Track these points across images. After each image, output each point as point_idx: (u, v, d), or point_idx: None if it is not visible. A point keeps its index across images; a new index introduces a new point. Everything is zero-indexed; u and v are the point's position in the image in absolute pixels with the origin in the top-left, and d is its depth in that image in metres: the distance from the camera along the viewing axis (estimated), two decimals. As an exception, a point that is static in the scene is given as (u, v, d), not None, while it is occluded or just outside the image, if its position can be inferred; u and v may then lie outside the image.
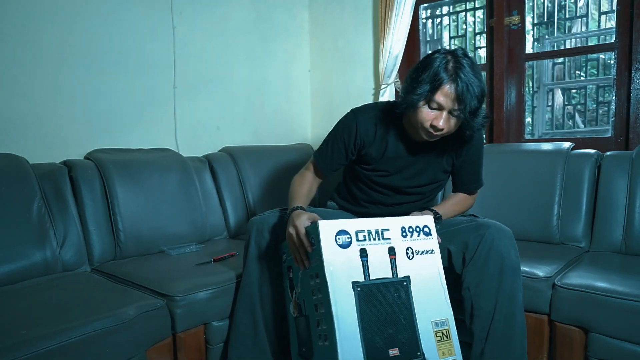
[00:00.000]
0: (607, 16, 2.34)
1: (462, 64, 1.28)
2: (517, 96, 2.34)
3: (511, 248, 1.35)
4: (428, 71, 1.30)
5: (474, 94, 1.27)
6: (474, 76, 1.28)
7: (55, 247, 1.62)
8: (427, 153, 1.50)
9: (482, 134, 1.55)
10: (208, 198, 2.13)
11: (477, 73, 1.30)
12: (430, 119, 1.32)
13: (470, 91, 1.27)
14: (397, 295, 1.19)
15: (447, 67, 1.29)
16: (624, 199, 1.80)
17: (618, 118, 2.06)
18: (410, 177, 1.53)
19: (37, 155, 1.77)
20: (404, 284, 1.21)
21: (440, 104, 1.30)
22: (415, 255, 1.24)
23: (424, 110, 1.33)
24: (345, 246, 1.17)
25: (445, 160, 1.52)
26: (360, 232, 1.19)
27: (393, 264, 1.21)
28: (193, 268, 1.64)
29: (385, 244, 1.21)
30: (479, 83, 1.29)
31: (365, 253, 1.19)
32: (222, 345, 1.55)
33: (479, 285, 1.35)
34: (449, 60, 1.30)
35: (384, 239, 1.22)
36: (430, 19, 2.72)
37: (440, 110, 1.31)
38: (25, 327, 1.15)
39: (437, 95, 1.29)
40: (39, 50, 1.84)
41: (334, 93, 2.85)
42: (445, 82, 1.27)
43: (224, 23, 2.48)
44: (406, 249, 1.23)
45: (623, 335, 1.37)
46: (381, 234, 1.22)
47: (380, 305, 1.17)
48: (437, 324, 1.22)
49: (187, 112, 2.34)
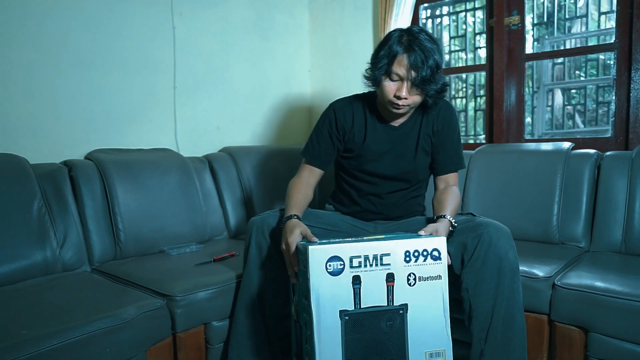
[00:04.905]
0: (607, 16, 2.34)
1: (416, 37, 1.38)
2: (517, 96, 2.34)
3: (509, 248, 1.35)
4: (385, 47, 1.41)
5: (427, 62, 1.35)
6: (428, 46, 1.36)
7: (55, 247, 1.62)
8: (406, 136, 1.56)
9: (452, 111, 1.59)
10: (208, 198, 2.13)
11: (433, 43, 1.39)
12: (393, 90, 1.41)
13: (424, 59, 1.35)
14: (390, 324, 1.15)
15: (402, 40, 1.39)
16: (624, 199, 1.80)
17: (618, 118, 2.07)
18: (394, 161, 1.57)
19: (37, 155, 1.77)
20: (399, 312, 1.16)
21: (399, 74, 1.38)
22: (418, 282, 1.17)
23: (386, 84, 1.42)
24: (337, 273, 1.13)
25: (423, 140, 1.57)
26: (355, 257, 1.13)
27: (390, 291, 1.15)
28: (193, 268, 1.64)
29: (383, 270, 1.15)
30: (433, 52, 1.37)
31: (359, 281, 1.13)
32: (222, 345, 1.55)
33: (477, 286, 1.34)
34: (404, 34, 1.40)
35: (383, 264, 1.15)
36: (430, 19, 2.72)
37: (402, 81, 1.39)
38: (25, 327, 1.15)
39: (394, 67, 1.38)
40: (39, 50, 1.84)
41: (334, 93, 2.85)
42: (400, 53, 1.37)
43: (224, 23, 2.48)
44: (407, 275, 1.16)
45: (623, 335, 1.37)
46: (380, 260, 1.14)
47: (370, 334, 1.14)
48: (431, 354, 1.17)
49: (187, 112, 2.34)
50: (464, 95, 2.97)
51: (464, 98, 2.93)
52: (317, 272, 1.12)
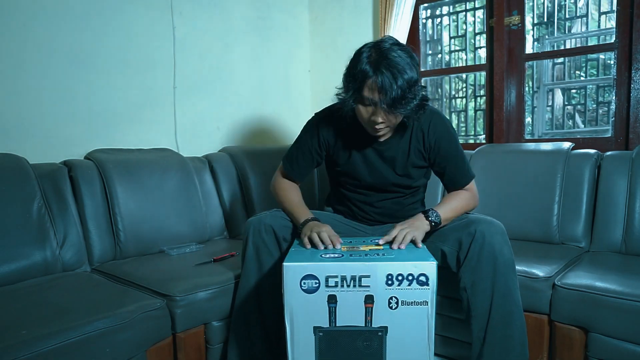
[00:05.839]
0: (607, 16, 2.34)
1: (385, 55, 1.28)
2: (517, 96, 2.34)
3: (504, 244, 1.34)
4: (355, 69, 1.32)
5: (397, 83, 1.26)
6: (398, 63, 1.27)
7: (55, 247, 1.62)
8: (394, 150, 1.51)
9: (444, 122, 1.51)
10: (208, 198, 2.13)
11: (406, 58, 1.29)
12: (368, 114, 1.34)
13: (392, 81, 1.26)
14: (366, 345, 1.14)
15: (370, 59, 1.30)
16: (624, 199, 1.80)
17: (618, 118, 2.07)
18: (381, 174, 1.54)
19: (37, 155, 1.77)
20: (377, 334, 1.14)
21: (371, 99, 1.30)
22: (401, 306, 1.14)
23: (360, 108, 1.35)
24: (311, 291, 1.12)
25: (413, 154, 1.51)
26: (331, 277, 1.12)
27: (368, 313, 1.14)
28: (193, 268, 1.64)
29: (362, 291, 1.12)
30: (403, 71, 1.27)
31: (334, 300, 1.12)
32: (222, 345, 1.55)
33: (474, 285, 1.34)
34: (372, 53, 1.31)
35: (361, 285, 1.12)
36: (430, 19, 2.72)
37: (375, 105, 1.31)
38: (25, 327, 1.15)
39: (364, 91, 1.31)
40: (39, 50, 1.84)
41: (333, 93, 2.84)
42: (368, 77, 1.29)
43: (224, 23, 2.48)
44: (389, 298, 1.13)
45: (623, 335, 1.37)
46: (358, 281, 1.12)
47: (344, 353, 1.14)
48: None
49: (187, 112, 2.34)
50: (464, 95, 2.97)
51: (464, 98, 2.93)
52: (291, 288, 1.12)
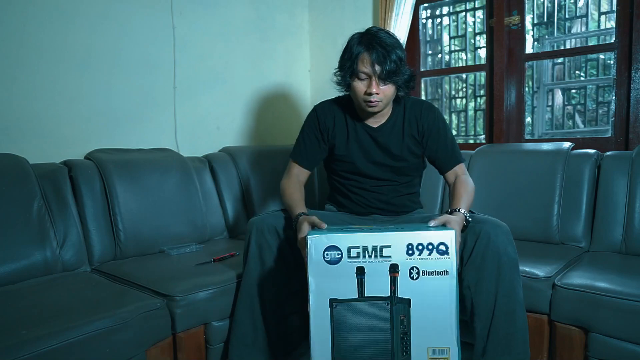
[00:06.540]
0: (607, 16, 2.34)
1: (375, 35, 1.46)
2: (517, 96, 2.34)
3: (508, 244, 1.36)
4: (348, 50, 1.49)
5: (390, 56, 1.43)
6: (388, 42, 1.45)
7: (55, 247, 1.62)
8: (388, 135, 1.60)
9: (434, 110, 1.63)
10: (208, 198, 2.13)
11: (392, 39, 1.48)
12: (364, 88, 1.48)
13: (386, 54, 1.42)
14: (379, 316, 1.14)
15: (362, 40, 1.47)
16: (624, 199, 1.80)
17: (618, 118, 2.07)
18: (377, 160, 1.61)
19: (37, 155, 1.77)
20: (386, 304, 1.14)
21: (365, 72, 1.45)
22: (422, 276, 1.13)
23: (356, 84, 1.49)
24: (334, 262, 1.13)
25: (409, 140, 1.61)
26: (353, 248, 1.13)
27: (392, 282, 1.14)
28: (193, 268, 1.64)
29: (385, 262, 1.13)
30: (394, 47, 1.45)
31: (362, 271, 1.13)
32: (222, 345, 1.55)
33: (478, 283, 1.35)
34: (363, 35, 1.49)
35: (383, 256, 1.13)
36: (430, 19, 2.72)
37: (370, 78, 1.46)
38: (25, 327, 1.15)
39: (359, 66, 1.46)
40: (39, 50, 1.84)
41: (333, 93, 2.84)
42: (362, 52, 1.45)
43: (224, 23, 2.48)
44: (410, 269, 1.13)
45: (623, 335, 1.37)
46: (379, 251, 1.13)
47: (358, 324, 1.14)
48: (434, 351, 1.15)
49: (187, 112, 2.34)
50: (464, 95, 2.96)
51: (464, 98, 2.93)
52: (315, 260, 1.13)
